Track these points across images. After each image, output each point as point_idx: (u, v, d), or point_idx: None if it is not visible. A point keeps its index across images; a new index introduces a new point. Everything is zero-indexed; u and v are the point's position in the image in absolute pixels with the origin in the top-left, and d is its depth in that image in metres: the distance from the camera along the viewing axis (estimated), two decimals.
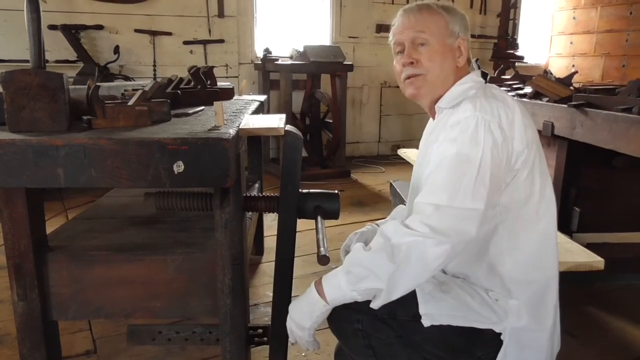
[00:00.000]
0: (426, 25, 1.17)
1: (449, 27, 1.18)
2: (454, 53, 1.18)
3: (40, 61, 1.22)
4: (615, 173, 2.20)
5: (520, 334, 1.10)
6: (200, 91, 1.89)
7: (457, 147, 1.04)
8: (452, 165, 1.03)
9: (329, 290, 1.07)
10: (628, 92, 1.93)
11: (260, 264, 2.57)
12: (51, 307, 1.33)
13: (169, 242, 1.44)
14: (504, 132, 1.05)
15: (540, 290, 1.12)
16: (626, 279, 2.32)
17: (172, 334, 1.45)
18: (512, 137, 1.07)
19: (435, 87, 1.19)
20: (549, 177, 1.17)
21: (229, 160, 1.12)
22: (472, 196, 1.01)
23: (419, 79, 1.19)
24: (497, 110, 1.07)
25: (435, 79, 1.18)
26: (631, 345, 1.87)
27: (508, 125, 1.07)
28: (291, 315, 1.14)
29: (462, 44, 1.19)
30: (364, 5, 5.00)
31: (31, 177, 1.09)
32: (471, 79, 1.19)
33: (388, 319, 1.12)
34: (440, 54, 1.17)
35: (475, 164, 1.02)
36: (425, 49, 1.17)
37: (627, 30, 4.80)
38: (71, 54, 3.90)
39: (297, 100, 4.52)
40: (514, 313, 1.10)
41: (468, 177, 1.02)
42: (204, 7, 4.34)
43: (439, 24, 1.18)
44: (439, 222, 1.00)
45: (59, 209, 3.32)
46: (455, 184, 1.02)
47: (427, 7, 1.20)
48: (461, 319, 1.10)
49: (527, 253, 1.12)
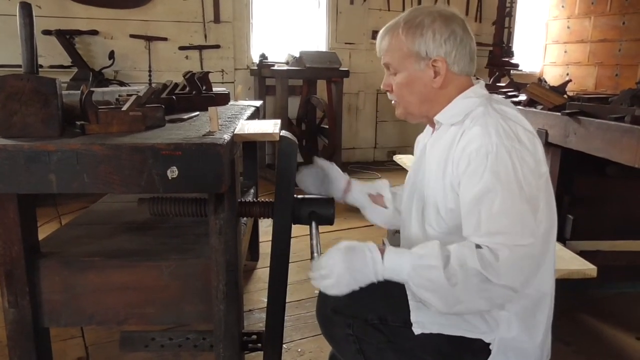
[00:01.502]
0: (390, 55, 1.15)
1: (415, 51, 1.11)
2: (425, 78, 1.12)
3: (32, 66, 1.22)
4: (609, 181, 2.21)
5: (509, 345, 1.10)
6: (195, 97, 1.89)
7: (500, 179, 0.99)
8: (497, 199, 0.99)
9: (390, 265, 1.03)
10: (620, 101, 1.94)
11: (256, 269, 2.56)
12: (43, 314, 1.32)
13: (163, 248, 1.43)
14: (532, 155, 1.03)
15: (532, 305, 1.11)
16: (619, 287, 2.33)
17: (165, 340, 1.44)
18: (540, 160, 1.05)
19: (414, 112, 1.18)
20: (552, 191, 1.15)
21: (223, 166, 1.11)
22: (531, 232, 0.99)
23: (396, 104, 1.20)
24: (519, 134, 1.04)
25: (409, 106, 1.17)
26: (623, 353, 1.88)
27: (532, 148, 1.05)
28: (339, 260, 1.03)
29: (437, 64, 1.11)
30: (360, 12, 5.03)
31: (23, 182, 1.08)
32: (474, 92, 1.14)
33: (379, 325, 1.12)
34: (406, 85, 1.14)
35: (512, 193, 0.98)
36: (394, 78, 1.16)
37: (620, 40, 4.85)
38: (65, 59, 3.88)
39: (293, 106, 4.53)
40: (504, 323, 1.10)
41: (506, 207, 0.98)
42: (200, 13, 4.34)
43: (402, 51, 1.12)
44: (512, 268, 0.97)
45: (52, 215, 3.29)
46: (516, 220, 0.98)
47: (391, 33, 1.15)
48: (452, 327, 1.10)
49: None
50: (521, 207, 0.99)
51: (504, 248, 0.97)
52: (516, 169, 0.99)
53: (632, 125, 1.66)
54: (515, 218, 0.98)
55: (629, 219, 2.27)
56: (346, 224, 3.24)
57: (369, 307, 1.12)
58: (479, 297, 0.98)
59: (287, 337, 1.86)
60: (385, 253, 1.04)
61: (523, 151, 1.02)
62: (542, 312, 1.13)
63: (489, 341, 1.10)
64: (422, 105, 1.16)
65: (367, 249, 1.04)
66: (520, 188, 0.99)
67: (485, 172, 1.00)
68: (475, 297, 0.98)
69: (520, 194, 0.99)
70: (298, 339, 1.91)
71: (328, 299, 1.15)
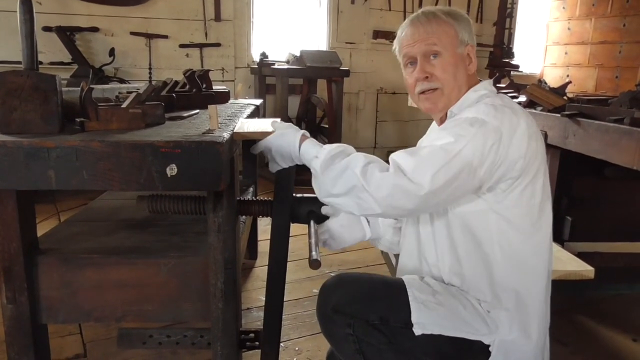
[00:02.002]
0: (437, 37, 1.16)
1: (459, 35, 1.17)
2: (464, 61, 1.19)
3: (32, 63, 1.22)
4: (607, 183, 2.21)
5: (509, 347, 1.11)
6: (195, 95, 1.89)
7: (448, 137, 1.05)
8: (435, 149, 1.05)
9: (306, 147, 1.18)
10: (620, 103, 1.94)
11: (254, 268, 2.56)
12: (41, 310, 1.32)
13: (161, 246, 1.43)
14: (502, 137, 1.05)
15: (530, 302, 1.12)
16: (616, 289, 2.33)
17: (163, 337, 1.44)
18: (509, 144, 1.06)
19: (450, 99, 1.19)
20: (549, 193, 1.17)
21: (222, 164, 1.11)
22: (430, 177, 1.02)
23: (435, 93, 1.18)
24: (501, 115, 1.07)
25: (451, 91, 1.18)
26: (620, 354, 1.88)
27: (509, 131, 1.06)
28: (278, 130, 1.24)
29: (471, 51, 1.20)
30: (361, 11, 5.02)
31: (22, 179, 1.08)
32: (484, 86, 1.20)
33: (380, 325, 1.12)
34: (453, 65, 1.17)
35: (451, 154, 1.03)
36: (438, 60, 1.16)
37: (620, 42, 4.84)
38: (66, 56, 3.87)
39: (293, 105, 4.52)
40: (504, 325, 1.11)
41: (438, 160, 1.03)
42: (201, 11, 4.34)
43: (449, 33, 1.17)
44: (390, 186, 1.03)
45: (51, 212, 3.29)
46: (426, 161, 1.04)
47: (435, 17, 1.17)
48: (452, 329, 1.10)
49: (520, 262, 1.12)
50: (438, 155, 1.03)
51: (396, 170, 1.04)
52: (464, 130, 1.05)
53: (631, 127, 1.67)
54: (424, 155, 1.04)
55: (627, 221, 2.27)
56: None
57: (370, 307, 1.13)
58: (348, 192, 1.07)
59: (285, 336, 1.86)
60: (303, 143, 1.19)
61: (490, 126, 1.05)
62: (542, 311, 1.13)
63: (488, 343, 1.11)
64: (457, 91, 1.19)
65: (293, 133, 1.22)
66: (455, 146, 1.03)
67: (444, 132, 1.09)
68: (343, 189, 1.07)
69: (449, 148, 1.04)
70: (296, 337, 1.91)
71: (329, 298, 1.16)
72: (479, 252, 1.13)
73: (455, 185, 1.03)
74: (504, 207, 1.10)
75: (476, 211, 1.11)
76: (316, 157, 1.14)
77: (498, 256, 1.12)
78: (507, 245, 1.11)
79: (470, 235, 1.13)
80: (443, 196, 1.04)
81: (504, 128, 1.06)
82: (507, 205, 1.10)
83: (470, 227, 1.13)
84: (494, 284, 1.13)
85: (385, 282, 1.20)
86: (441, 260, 1.18)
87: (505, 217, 1.10)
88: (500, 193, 1.09)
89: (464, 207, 1.12)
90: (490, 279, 1.13)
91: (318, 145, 1.18)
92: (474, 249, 1.13)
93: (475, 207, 1.11)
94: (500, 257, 1.12)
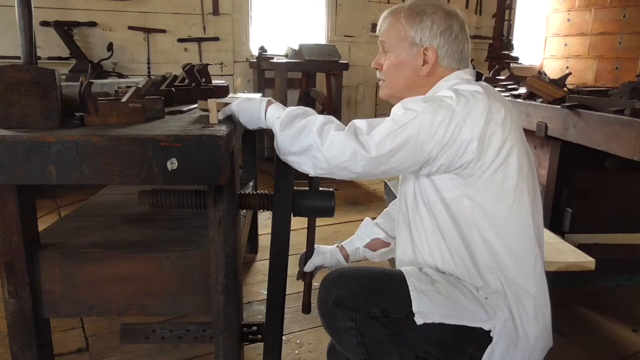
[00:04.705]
0: (387, 36, 1.22)
1: (410, 37, 1.18)
2: (414, 63, 1.19)
3: (31, 57, 1.21)
4: (608, 174, 2.21)
5: (509, 332, 1.11)
6: (194, 89, 1.89)
7: (400, 110, 1.10)
8: (387, 119, 1.10)
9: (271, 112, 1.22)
10: (620, 94, 1.94)
11: (255, 262, 2.57)
12: (43, 304, 1.33)
13: (162, 240, 1.43)
14: (453, 115, 1.06)
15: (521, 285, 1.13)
16: (616, 280, 2.34)
17: (166, 332, 1.45)
18: (463, 124, 1.07)
19: (397, 94, 1.23)
20: (532, 179, 1.16)
21: (222, 158, 1.11)
22: (376, 142, 1.06)
23: (383, 84, 1.27)
24: (457, 96, 1.09)
25: (394, 87, 1.24)
26: (619, 345, 1.89)
27: (463, 112, 1.07)
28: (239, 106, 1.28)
29: (427, 53, 1.17)
30: (359, 4, 5.00)
31: (22, 173, 1.08)
32: (457, 75, 1.19)
33: (381, 317, 1.13)
34: (395, 65, 1.21)
35: (399, 124, 1.07)
36: (387, 57, 1.23)
37: (620, 33, 4.83)
38: (64, 51, 3.86)
39: (292, 99, 4.52)
40: (503, 310, 1.12)
41: (386, 129, 1.08)
42: (199, 5, 4.32)
43: (399, 34, 1.19)
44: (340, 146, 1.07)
45: (51, 207, 3.29)
46: (377, 128, 1.08)
47: (393, 15, 1.22)
48: (453, 317, 1.11)
49: (501, 244, 1.13)
50: (389, 125, 1.08)
51: (349, 132, 1.08)
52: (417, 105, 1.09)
53: (632, 118, 1.66)
54: (377, 124, 1.09)
55: (628, 212, 2.28)
56: (345, 217, 3.24)
57: (371, 300, 1.13)
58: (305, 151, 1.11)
59: (286, 329, 1.87)
60: (269, 107, 1.23)
61: (443, 105, 1.08)
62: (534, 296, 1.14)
63: (488, 328, 1.12)
64: (407, 91, 1.23)
65: (259, 98, 1.27)
66: (401, 126, 1.07)
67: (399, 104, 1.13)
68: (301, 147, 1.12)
69: (402, 120, 1.08)
70: (297, 330, 1.92)
71: (330, 292, 1.16)
72: (462, 238, 1.15)
73: (401, 155, 1.08)
74: (475, 192, 1.11)
75: (454, 197, 1.14)
76: (278, 118, 1.18)
77: (478, 240, 1.13)
78: (484, 229, 1.13)
79: (453, 221, 1.15)
80: (390, 164, 1.09)
81: (458, 107, 1.07)
82: (478, 189, 1.11)
83: (452, 213, 1.15)
84: (479, 268, 1.14)
85: (385, 274, 1.20)
86: (432, 249, 1.20)
87: (478, 202, 1.12)
88: (469, 178, 1.11)
89: (444, 193, 1.15)
90: (475, 263, 1.15)
91: (282, 108, 1.22)
92: (458, 235, 1.15)
93: (452, 194, 1.14)
94: (480, 241, 1.13)
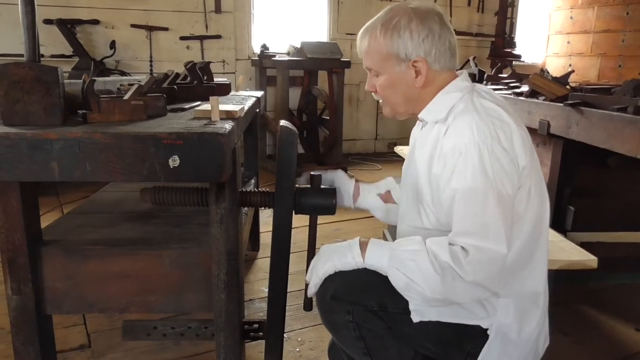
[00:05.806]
0: (370, 59, 1.16)
1: (393, 54, 1.11)
2: (407, 78, 1.13)
3: (34, 54, 1.21)
4: (610, 172, 2.21)
5: (506, 330, 1.11)
6: (196, 87, 1.89)
7: (468, 181, 1.01)
8: (468, 199, 1.01)
9: (371, 254, 1.11)
10: (623, 92, 1.93)
11: (256, 259, 2.57)
12: (45, 301, 1.33)
13: (164, 237, 1.44)
14: (507, 152, 1.03)
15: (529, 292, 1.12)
16: (619, 278, 2.34)
17: (167, 329, 1.45)
18: (516, 155, 1.04)
19: (400, 111, 1.20)
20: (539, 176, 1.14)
21: (224, 155, 1.12)
22: (502, 239, 1.00)
23: (383, 103, 1.22)
24: (494, 129, 1.03)
25: (395, 106, 1.20)
26: (621, 344, 1.89)
27: (508, 143, 1.04)
28: (321, 252, 1.18)
29: (417, 65, 1.11)
30: (361, 2, 4.99)
31: (25, 170, 1.09)
32: (455, 86, 1.14)
33: (379, 312, 1.13)
34: (389, 86, 1.16)
35: (492, 201, 0.99)
36: (378, 80, 1.17)
37: (623, 30, 4.81)
38: (67, 48, 3.87)
39: (294, 97, 4.51)
40: (502, 309, 1.11)
41: (493, 215, 0.99)
42: (201, 3, 4.32)
43: (382, 55, 1.13)
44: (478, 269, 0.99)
45: (54, 204, 3.30)
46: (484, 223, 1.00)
47: (369, 35, 1.14)
48: (450, 315, 1.11)
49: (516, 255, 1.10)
50: (489, 209, 1.00)
51: (472, 248, 0.99)
52: (485, 169, 1.00)
53: (635, 116, 1.65)
54: (482, 220, 1.00)
55: (630, 211, 2.27)
56: (346, 215, 3.24)
57: (369, 294, 1.13)
58: (452, 291, 1.01)
59: (287, 327, 1.86)
60: (367, 249, 1.11)
61: (496, 149, 1.02)
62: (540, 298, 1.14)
63: (486, 326, 1.12)
64: (408, 105, 1.19)
65: (349, 243, 1.14)
66: (490, 189, 1.00)
67: (455, 174, 1.03)
68: (450, 289, 1.01)
69: (488, 195, 1.00)
70: (298, 328, 1.92)
71: (328, 286, 1.16)
72: None
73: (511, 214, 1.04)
74: None
75: None
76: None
77: None
78: None
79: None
80: (513, 235, 1.05)
81: (505, 144, 1.03)
82: None
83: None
84: None
85: None
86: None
87: None
88: None
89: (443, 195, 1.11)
90: None
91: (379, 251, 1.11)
92: None
93: None
94: None
